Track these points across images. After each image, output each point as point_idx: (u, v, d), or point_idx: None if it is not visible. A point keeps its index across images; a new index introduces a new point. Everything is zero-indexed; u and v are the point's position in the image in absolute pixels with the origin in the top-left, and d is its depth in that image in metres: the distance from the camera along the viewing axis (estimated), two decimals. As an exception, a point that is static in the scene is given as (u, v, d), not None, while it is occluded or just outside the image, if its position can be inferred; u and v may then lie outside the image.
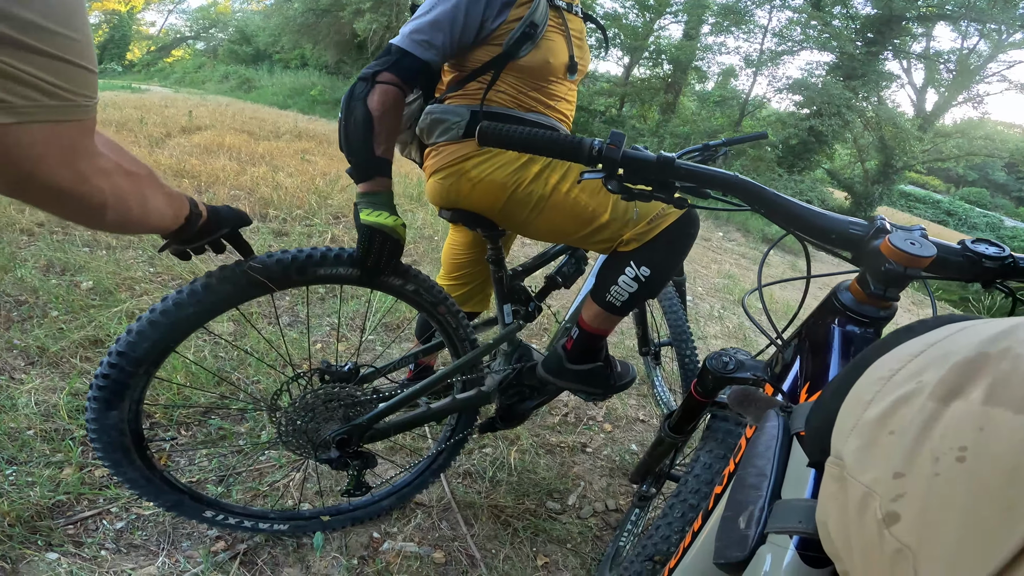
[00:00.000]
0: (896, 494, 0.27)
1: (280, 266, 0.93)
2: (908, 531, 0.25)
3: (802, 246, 0.72)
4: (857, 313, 0.59)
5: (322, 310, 2.31)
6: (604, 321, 1.17)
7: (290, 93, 12.61)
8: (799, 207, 0.65)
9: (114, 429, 0.91)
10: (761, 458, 0.48)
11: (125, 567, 1.09)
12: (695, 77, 13.18)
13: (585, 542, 1.42)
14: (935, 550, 0.24)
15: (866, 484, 0.29)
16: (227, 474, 1.37)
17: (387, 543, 1.28)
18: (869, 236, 0.60)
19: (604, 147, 0.67)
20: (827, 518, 0.33)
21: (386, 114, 0.94)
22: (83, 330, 1.73)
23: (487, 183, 1.07)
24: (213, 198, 3.24)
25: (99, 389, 0.88)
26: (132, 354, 0.87)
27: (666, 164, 0.66)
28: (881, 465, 0.29)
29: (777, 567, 0.41)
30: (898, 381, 0.31)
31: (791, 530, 0.41)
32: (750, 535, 0.44)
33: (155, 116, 5.96)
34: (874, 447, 0.30)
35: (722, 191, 0.68)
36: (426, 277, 1.10)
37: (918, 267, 0.54)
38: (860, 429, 0.32)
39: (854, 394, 0.35)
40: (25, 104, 0.44)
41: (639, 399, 2.16)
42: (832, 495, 0.33)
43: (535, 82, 1.09)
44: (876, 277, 0.57)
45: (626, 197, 0.70)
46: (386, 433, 1.15)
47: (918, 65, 12.75)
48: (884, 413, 0.30)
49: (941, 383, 0.28)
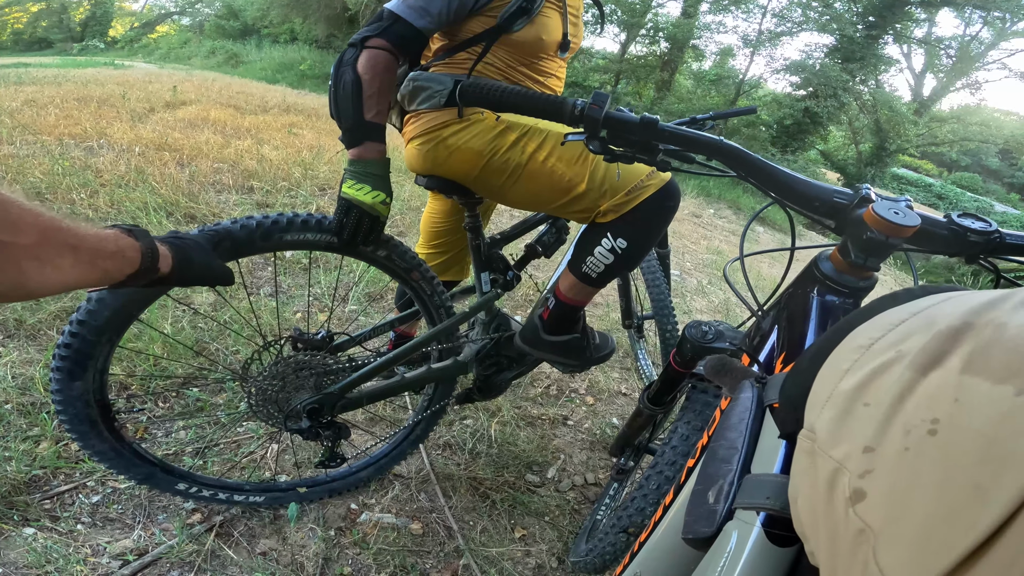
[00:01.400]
0: (864, 470, 0.25)
1: (245, 232, 0.90)
2: (872, 511, 0.24)
3: (787, 216, 0.71)
4: (837, 283, 0.58)
5: (304, 280, 2.28)
6: (580, 292, 1.16)
7: (279, 68, 12.34)
8: (783, 173, 0.64)
9: (79, 400, 0.89)
10: (733, 431, 0.47)
11: (100, 540, 1.08)
12: (692, 56, 13.04)
13: (563, 515, 1.42)
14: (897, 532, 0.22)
15: (837, 459, 0.27)
16: (204, 446, 1.36)
17: (364, 514, 1.28)
18: (853, 205, 0.58)
19: (586, 107, 0.65)
20: (797, 494, 0.32)
21: (376, 78, 0.92)
22: (59, 301, 1.70)
23: (464, 150, 1.05)
24: (195, 171, 3.18)
25: (62, 359, 0.86)
26: (93, 323, 0.85)
27: (649, 125, 0.64)
28: (853, 439, 0.27)
29: (742, 544, 0.40)
30: (877, 350, 0.29)
31: (758, 506, 0.40)
32: (718, 510, 0.43)
33: (138, 92, 5.81)
34: (848, 419, 0.28)
35: (706, 155, 0.66)
36: (399, 243, 1.08)
37: (900, 237, 0.53)
38: (835, 400, 0.30)
39: (831, 363, 0.33)
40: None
41: (622, 372, 2.16)
42: (803, 470, 0.31)
43: (525, 57, 1.08)
44: (857, 246, 0.56)
45: (608, 158, 0.69)
46: (359, 403, 1.14)
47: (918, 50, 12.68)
48: (860, 384, 0.28)
49: (922, 352, 0.26)
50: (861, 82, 10.78)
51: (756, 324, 0.69)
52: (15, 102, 4.36)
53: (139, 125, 4.18)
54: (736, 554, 0.40)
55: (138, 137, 3.71)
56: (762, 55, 12.51)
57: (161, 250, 0.66)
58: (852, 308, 0.58)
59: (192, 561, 1.09)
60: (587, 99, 0.65)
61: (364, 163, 0.95)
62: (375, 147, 0.95)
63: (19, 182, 2.55)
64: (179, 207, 2.64)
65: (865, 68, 10.47)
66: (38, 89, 5.31)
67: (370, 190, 0.94)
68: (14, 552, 1.02)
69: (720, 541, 0.42)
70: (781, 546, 0.39)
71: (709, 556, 0.42)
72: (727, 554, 0.40)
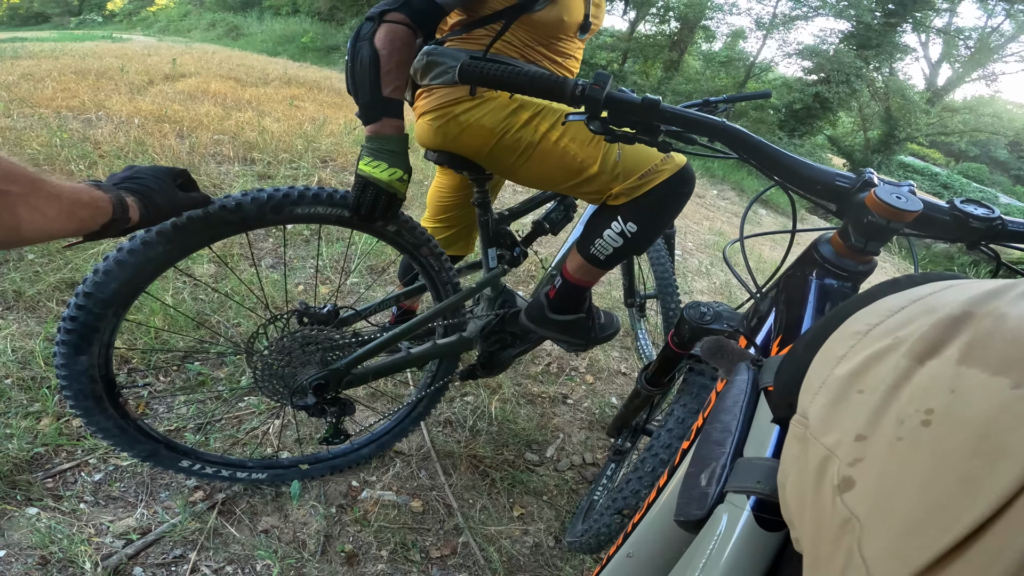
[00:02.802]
0: (854, 458, 0.25)
1: (255, 204, 0.90)
2: (860, 500, 0.23)
3: (789, 199, 0.71)
4: (836, 266, 0.58)
5: (306, 252, 2.27)
6: (587, 273, 1.16)
7: (280, 40, 12.15)
8: (785, 156, 0.63)
9: (84, 375, 0.88)
10: (728, 413, 0.47)
11: (103, 519, 1.09)
12: (702, 36, 12.81)
13: (561, 495, 1.44)
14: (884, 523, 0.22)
15: (828, 446, 0.27)
16: (205, 421, 1.36)
17: (365, 491, 1.30)
18: (855, 188, 0.58)
19: (588, 87, 0.65)
20: (786, 480, 0.31)
21: (394, 53, 0.90)
22: (59, 273, 1.69)
23: (476, 127, 1.04)
24: (195, 143, 3.14)
25: (67, 333, 0.85)
26: (100, 295, 0.83)
27: (651, 106, 0.64)
28: (845, 426, 0.26)
29: (732, 528, 0.40)
30: (874, 336, 0.29)
31: (749, 490, 0.40)
32: (710, 493, 0.43)
33: (137, 64, 5.72)
34: (841, 406, 0.28)
35: (708, 136, 0.66)
36: (408, 218, 1.07)
37: (901, 221, 0.53)
38: (829, 386, 0.29)
39: (827, 349, 0.32)
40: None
41: (622, 351, 2.17)
42: (793, 456, 0.31)
43: (545, 38, 1.06)
44: (858, 230, 0.56)
45: (609, 139, 0.69)
46: (364, 379, 1.14)
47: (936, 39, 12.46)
48: (855, 370, 0.28)
49: (921, 340, 0.25)
50: (875, 69, 10.62)
51: (754, 306, 0.68)
52: (11, 76, 4.29)
53: (138, 97, 4.12)
54: (725, 537, 0.40)
55: (137, 109, 3.66)
56: (775, 38, 12.30)
57: (128, 200, 0.70)
58: (851, 292, 0.58)
59: (195, 539, 1.10)
60: (588, 79, 0.66)
61: (382, 139, 0.93)
62: (392, 123, 0.93)
63: (16, 153, 2.52)
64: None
65: (880, 55, 10.33)
66: (35, 63, 5.22)
67: (387, 167, 0.93)
68: (17, 533, 1.03)
69: (710, 524, 0.42)
70: (770, 530, 0.39)
71: (699, 539, 0.42)
72: (716, 537, 0.40)
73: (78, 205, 0.62)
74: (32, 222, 0.56)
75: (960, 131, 13.45)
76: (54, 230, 0.59)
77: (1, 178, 0.52)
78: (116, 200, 0.67)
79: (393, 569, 1.15)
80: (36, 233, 0.57)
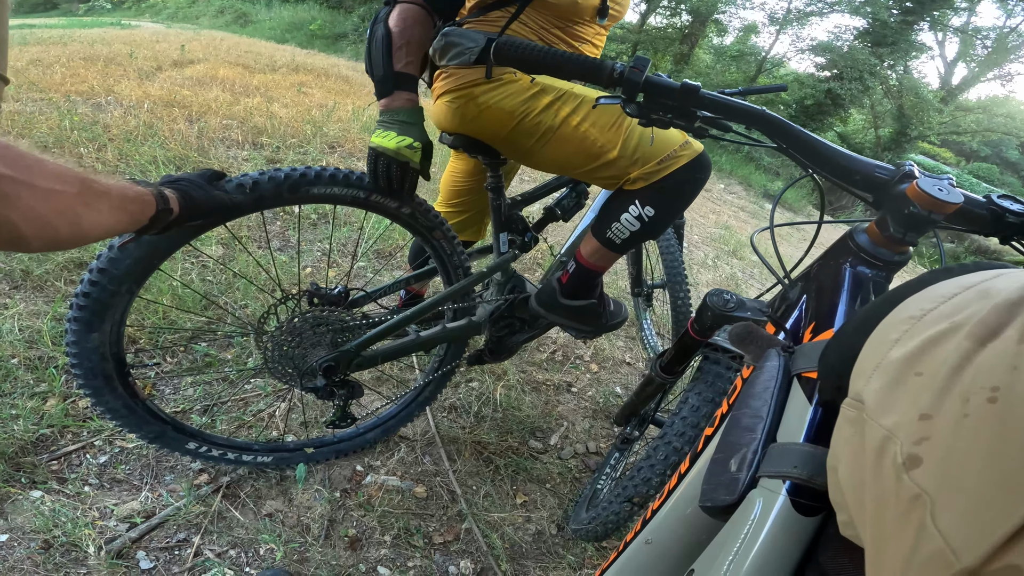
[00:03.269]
0: (920, 437, 0.25)
1: (272, 184, 0.89)
2: (928, 476, 0.24)
3: (818, 189, 0.73)
4: (871, 255, 0.59)
5: (313, 235, 2.27)
6: (602, 257, 1.16)
7: (288, 27, 12.12)
8: (826, 146, 0.64)
9: (95, 353, 0.88)
10: (758, 399, 0.47)
11: (108, 503, 1.09)
12: (714, 30, 12.71)
13: (564, 483, 1.44)
14: (956, 497, 0.23)
15: (887, 427, 0.28)
16: (212, 403, 1.36)
17: (370, 476, 1.30)
18: (896, 180, 0.59)
19: (627, 70, 0.66)
20: (838, 463, 0.32)
21: (405, 30, 0.92)
22: (68, 253, 1.69)
23: (495, 110, 1.04)
24: (204, 127, 3.14)
25: (79, 309, 0.84)
26: (114, 271, 0.83)
27: (690, 92, 0.65)
28: (905, 407, 0.27)
29: (767, 512, 0.39)
30: (929, 321, 0.30)
31: (785, 475, 0.40)
32: (741, 478, 0.43)
33: (145, 51, 5.71)
34: (898, 388, 0.28)
35: (746, 124, 0.67)
36: (423, 201, 1.08)
37: (942, 213, 0.54)
38: (884, 369, 0.30)
39: (879, 333, 0.33)
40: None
41: (627, 341, 2.16)
42: (846, 439, 0.31)
43: (560, 20, 1.05)
44: (898, 220, 0.57)
45: (644, 122, 0.70)
46: (374, 361, 1.14)
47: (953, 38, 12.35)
48: (912, 353, 0.29)
49: (980, 323, 0.26)
50: (889, 67, 10.54)
51: (782, 293, 0.69)
52: (20, 62, 4.29)
53: (147, 83, 4.12)
54: (760, 522, 0.39)
55: (146, 94, 3.65)
56: (788, 34, 12.20)
57: (168, 193, 0.71)
58: (884, 281, 0.59)
59: (199, 523, 1.09)
60: (627, 62, 0.67)
61: (393, 112, 0.94)
62: (404, 96, 0.95)
63: (26, 137, 2.52)
64: (188, 161, 2.62)
65: (895, 53, 10.26)
66: (43, 49, 5.21)
67: (395, 135, 0.93)
68: (21, 516, 1.02)
69: (743, 509, 0.41)
70: (806, 515, 0.39)
71: (731, 524, 0.42)
72: (751, 522, 0.40)
73: (126, 200, 0.63)
74: (90, 218, 0.57)
75: (972, 131, 13.34)
76: (110, 225, 0.61)
77: (54, 179, 0.53)
78: (157, 194, 0.69)
79: (396, 554, 1.15)
80: (95, 228, 0.58)
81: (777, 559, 0.38)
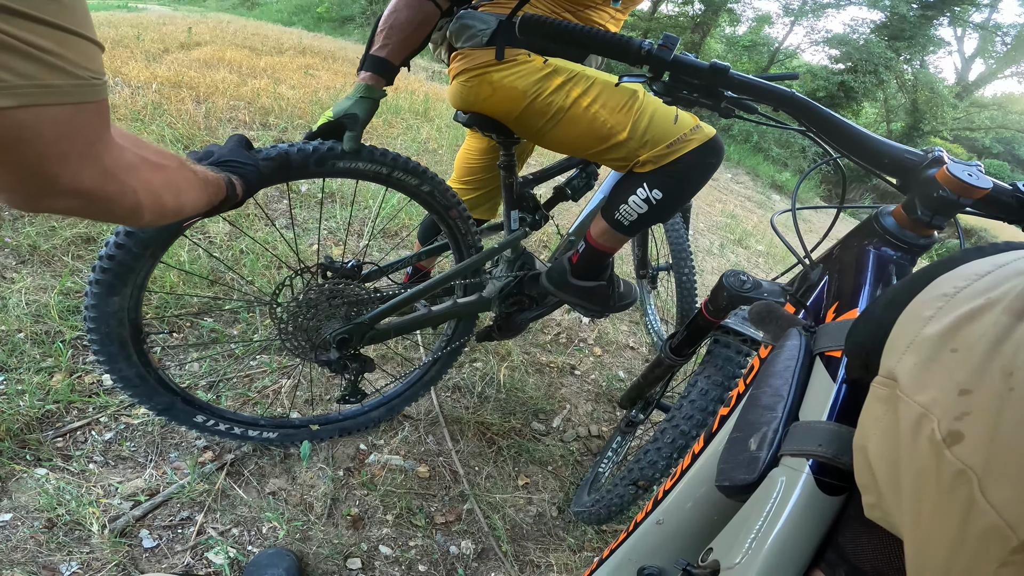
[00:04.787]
0: (960, 412, 0.25)
1: (301, 156, 0.90)
2: (973, 451, 0.24)
3: (840, 174, 0.73)
4: (897, 238, 0.59)
5: (319, 214, 2.28)
6: (611, 239, 1.16)
7: (295, 10, 12.06)
8: (855, 129, 0.64)
9: (113, 318, 0.88)
10: (778, 378, 0.46)
11: (112, 480, 1.08)
12: (726, 19, 12.55)
13: (566, 466, 1.44)
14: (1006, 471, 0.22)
15: (923, 404, 0.27)
16: (218, 379, 1.36)
17: (373, 455, 1.30)
18: (925, 164, 0.60)
19: (655, 48, 0.66)
20: (867, 442, 0.31)
21: (393, 13, 0.94)
22: (75, 228, 1.69)
23: (508, 89, 1.04)
24: (212, 108, 3.12)
25: (103, 272, 0.83)
26: (141, 234, 0.83)
27: (719, 72, 0.65)
28: (942, 383, 0.27)
29: (790, 491, 0.39)
30: (963, 298, 0.29)
31: (809, 453, 0.39)
32: (761, 457, 0.42)
33: (152, 33, 5.69)
34: (934, 365, 0.28)
35: (774, 106, 0.66)
36: (441, 180, 1.09)
37: (971, 197, 0.55)
38: (918, 346, 0.30)
39: (911, 310, 0.32)
40: (24, 84, 0.35)
41: (631, 325, 2.16)
42: (876, 417, 0.31)
43: (571, 4, 1.04)
44: (926, 204, 0.57)
45: (669, 101, 0.70)
46: (386, 335, 1.15)
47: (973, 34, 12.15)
48: (946, 330, 0.28)
49: (1018, 298, 0.26)
50: (905, 61, 10.41)
51: (803, 274, 0.68)
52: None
53: (154, 64, 4.10)
54: (783, 500, 0.38)
55: (153, 75, 3.64)
56: (802, 25, 12.03)
57: (234, 180, 0.74)
58: (908, 264, 0.59)
59: (202, 501, 1.09)
60: (655, 40, 0.66)
61: (355, 87, 0.97)
62: (368, 76, 0.96)
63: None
64: (196, 141, 2.61)
65: (912, 48, 10.15)
66: (51, 28, 5.20)
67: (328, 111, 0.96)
68: (25, 495, 1.01)
69: (765, 487, 0.40)
70: (830, 494, 0.38)
71: (752, 502, 0.41)
72: (773, 500, 0.39)
73: (208, 182, 0.65)
74: (187, 193, 0.59)
75: (986, 127, 13.19)
76: (197, 201, 0.62)
77: (159, 155, 0.55)
78: (227, 180, 0.71)
79: (398, 533, 1.15)
80: (189, 203, 0.60)
81: (800, 537, 0.37)
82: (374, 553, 1.11)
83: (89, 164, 0.43)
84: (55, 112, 0.38)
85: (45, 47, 0.36)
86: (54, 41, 0.36)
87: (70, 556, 0.95)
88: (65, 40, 0.37)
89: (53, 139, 0.39)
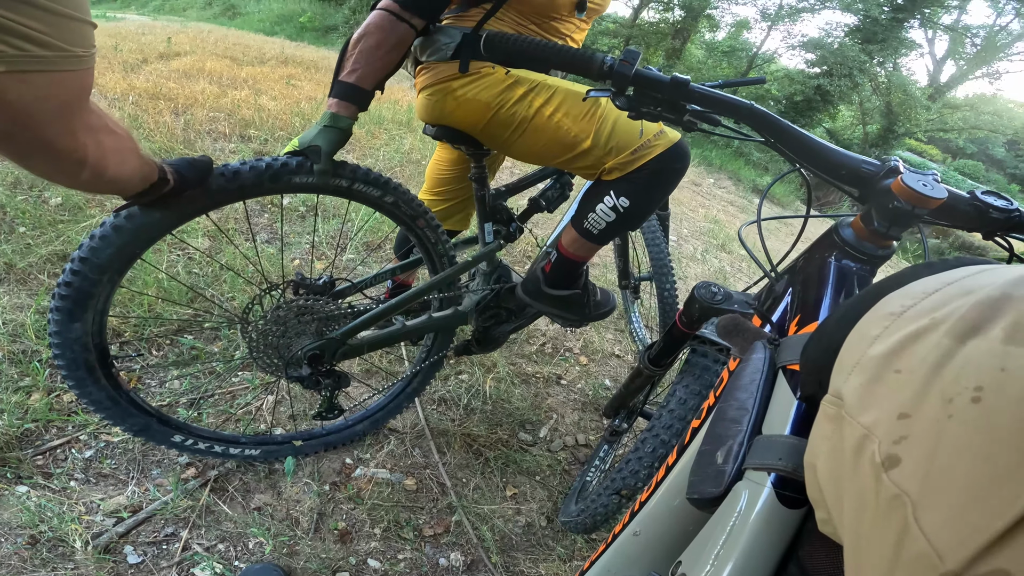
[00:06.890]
0: (899, 436, 0.25)
1: (254, 173, 0.89)
2: (909, 476, 0.23)
3: (805, 184, 0.73)
4: (856, 249, 0.59)
5: (301, 228, 2.26)
6: (582, 248, 1.16)
7: (278, 20, 11.97)
8: (811, 140, 0.65)
9: (78, 343, 0.87)
10: (744, 391, 0.47)
11: (94, 497, 1.07)
12: (706, 25, 12.74)
13: (554, 475, 1.44)
14: (939, 498, 0.22)
15: (865, 425, 0.27)
16: (199, 397, 1.35)
17: (359, 469, 1.29)
18: (881, 175, 0.60)
19: (616, 63, 0.66)
20: (816, 460, 0.31)
21: (363, 38, 0.92)
22: (51, 245, 1.66)
23: (472, 102, 1.04)
24: (191, 120, 3.09)
25: (61, 299, 0.83)
26: (95, 260, 0.82)
27: (679, 86, 0.65)
28: (884, 405, 0.27)
29: (752, 504, 0.40)
30: (909, 317, 0.29)
31: (770, 467, 0.40)
32: (727, 470, 0.43)
33: (131, 43, 5.60)
34: (877, 386, 0.28)
35: (735, 118, 0.67)
36: (406, 190, 1.07)
37: (926, 208, 0.55)
38: (863, 366, 0.30)
39: (859, 329, 0.32)
40: (16, 54, 0.45)
41: (616, 334, 2.17)
42: (825, 436, 0.31)
43: (536, 16, 1.05)
44: (882, 215, 0.57)
45: (633, 116, 0.70)
46: (360, 350, 1.14)
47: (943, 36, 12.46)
48: (891, 350, 0.28)
49: (961, 320, 0.25)
50: (879, 64, 10.64)
51: (769, 286, 0.69)
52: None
53: (132, 75, 4.04)
54: (746, 514, 0.39)
55: (131, 86, 3.59)
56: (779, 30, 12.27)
57: (165, 167, 0.78)
58: (870, 275, 0.60)
59: (186, 517, 1.08)
60: (617, 56, 0.67)
61: (323, 116, 0.94)
62: (334, 103, 0.93)
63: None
64: (174, 153, 2.58)
65: (885, 50, 10.36)
66: (26, 36, 5.10)
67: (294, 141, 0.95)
68: (7, 512, 1.00)
69: (729, 501, 0.41)
70: (791, 508, 0.39)
71: (717, 516, 0.42)
72: (736, 514, 0.40)
73: (145, 161, 0.70)
74: (128, 164, 0.64)
75: (959, 128, 13.49)
76: (134, 175, 0.68)
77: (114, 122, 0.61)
78: (160, 166, 0.76)
79: (386, 547, 1.15)
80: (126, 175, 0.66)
81: (763, 551, 0.38)
82: (362, 567, 1.10)
83: (57, 121, 0.51)
84: (41, 77, 0.47)
85: (38, 27, 0.45)
86: (45, 22, 0.45)
87: (54, 572, 0.94)
88: (56, 21, 0.46)
89: (32, 99, 0.47)
